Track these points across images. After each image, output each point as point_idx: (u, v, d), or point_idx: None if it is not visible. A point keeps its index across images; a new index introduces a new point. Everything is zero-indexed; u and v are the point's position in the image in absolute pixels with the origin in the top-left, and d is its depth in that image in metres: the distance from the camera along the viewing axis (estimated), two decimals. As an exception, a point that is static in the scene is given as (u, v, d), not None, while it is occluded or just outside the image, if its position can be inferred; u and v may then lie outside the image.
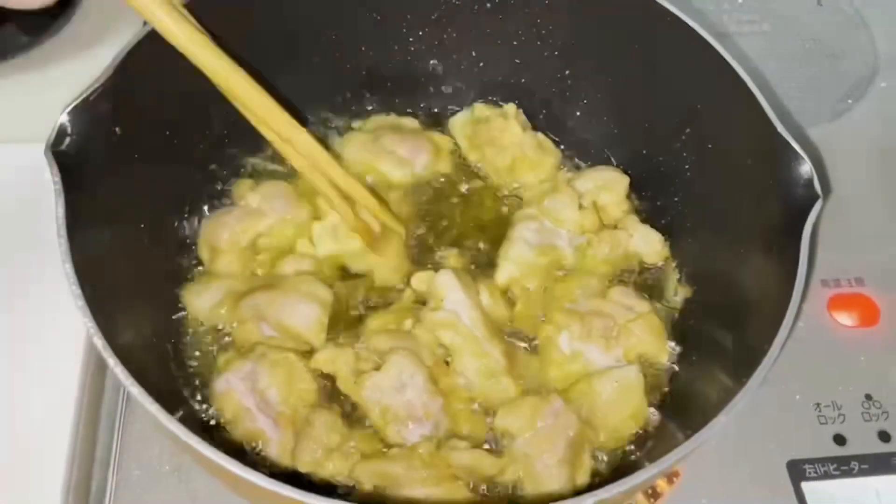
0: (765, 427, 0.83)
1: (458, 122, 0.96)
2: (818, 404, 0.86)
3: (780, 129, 0.71)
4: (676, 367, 0.81)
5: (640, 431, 0.76)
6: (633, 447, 0.76)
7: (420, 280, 0.82)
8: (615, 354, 0.80)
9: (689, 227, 0.86)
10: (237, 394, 0.74)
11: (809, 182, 0.68)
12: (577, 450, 0.72)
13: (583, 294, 0.82)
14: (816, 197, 0.67)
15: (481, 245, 0.88)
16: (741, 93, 0.75)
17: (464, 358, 0.76)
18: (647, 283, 0.87)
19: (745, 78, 0.74)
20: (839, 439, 0.83)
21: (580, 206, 0.87)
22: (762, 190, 0.73)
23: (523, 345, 0.81)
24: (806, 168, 0.68)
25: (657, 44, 0.82)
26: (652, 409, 0.78)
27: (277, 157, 0.92)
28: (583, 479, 0.72)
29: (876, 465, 0.82)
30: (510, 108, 0.94)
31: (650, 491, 0.78)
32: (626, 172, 0.91)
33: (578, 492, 0.67)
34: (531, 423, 0.72)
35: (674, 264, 0.87)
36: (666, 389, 0.80)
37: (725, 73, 0.76)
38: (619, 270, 0.87)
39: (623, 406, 0.76)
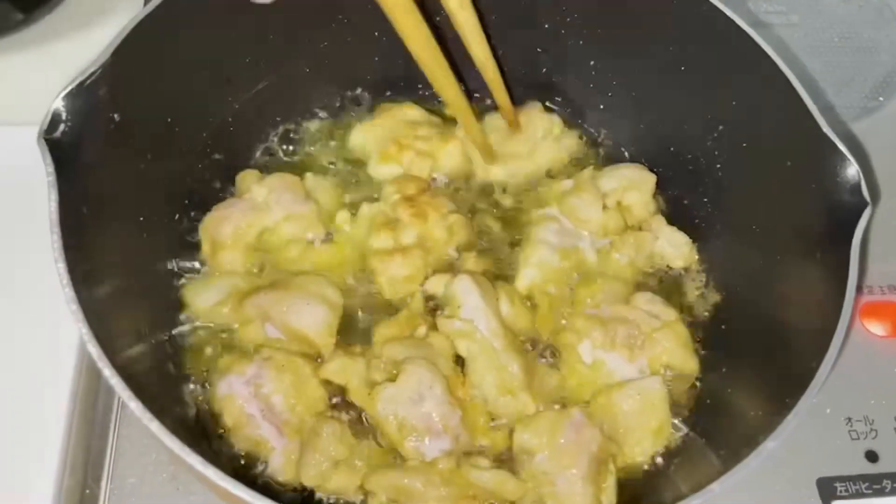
0: (794, 443, 0.79)
1: None
2: (849, 419, 0.82)
3: (826, 128, 0.66)
4: (704, 379, 0.76)
5: (665, 447, 0.72)
6: (659, 462, 0.72)
7: (436, 283, 0.77)
8: (639, 365, 0.76)
9: (719, 230, 0.82)
10: (239, 398, 0.71)
11: (857, 187, 0.64)
12: (600, 466, 0.68)
13: (606, 299, 0.78)
14: (865, 204, 0.63)
15: (501, 246, 0.84)
16: (781, 88, 0.71)
17: (480, 370, 0.72)
18: (672, 288, 0.83)
19: (788, 73, 0.70)
20: (871, 456, 0.80)
21: (604, 207, 0.82)
22: (803, 193, 0.69)
23: (543, 357, 0.77)
24: (853, 171, 0.64)
25: (690, 34, 0.78)
26: (677, 423, 0.74)
27: (284, 149, 0.88)
28: (608, 498, 0.68)
29: (910, 483, 0.78)
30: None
31: (674, 508, 0.74)
32: (651, 170, 0.86)
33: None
34: (551, 440, 0.69)
35: (701, 268, 0.83)
36: (693, 402, 0.76)
37: (765, 66, 0.72)
38: (644, 274, 0.83)
39: (646, 419, 0.72)
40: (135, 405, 0.52)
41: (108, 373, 0.52)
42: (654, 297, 0.79)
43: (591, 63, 0.87)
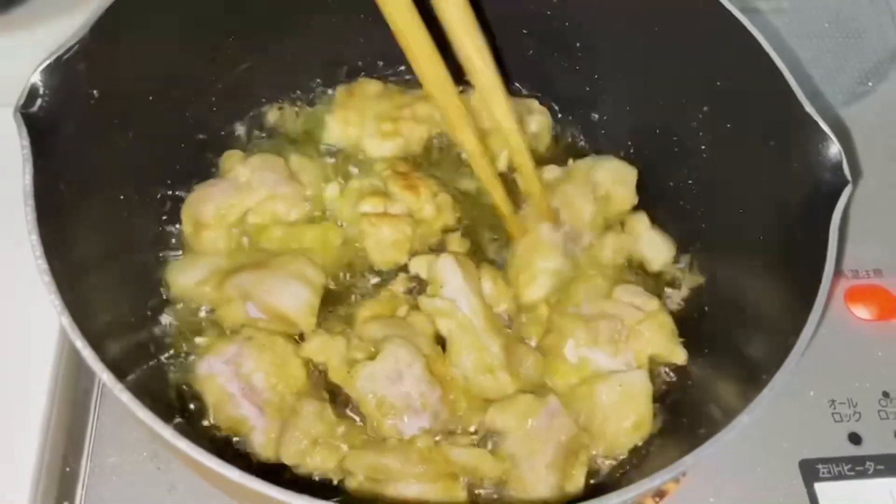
0: (776, 425, 0.79)
1: None
2: (833, 401, 0.82)
3: (808, 108, 0.66)
4: (687, 363, 0.76)
5: (642, 443, 0.71)
6: (640, 445, 0.71)
7: (419, 263, 0.77)
8: (624, 358, 0.74)
9: (703, 210, 0.81)
10: (220, 378, 0.70)
11: (838, 165, 0.63)
12: (569, 457, 0.68)
13: (587, 296, 0.77)
14: (846, 182, 0.62)
15: (484, 229, 0.83)
16: (765, 69, 0.70)
17: (460, 349, 0.72)
18: (654, 274, 0.83)
19: (772, 53, 0.69)
20: (854, 438, 0.80)
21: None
22: (786, 173, 0.68)
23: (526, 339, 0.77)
24: (834, 150, 0.64)
25: (677, 15, 0.77)
26: (659, 407, 0.74)
27: (268, 130, 0.88)
28: (575, 487, 0.67)
29: (892, 465, 0.78)
30: None
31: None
32: (637, 152, 0.86)
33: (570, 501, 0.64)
34: (522, 422, 0.68)
35: (685, 251, 0.83)
36: (676, 385, 0.75)
37: (749, 47, 0.71)
38: (624, 266, 0.82)
39: (625, 413, 0.71)
40: (106, 376, 0.52)
41: (80, 344, 0.52)
42: (635, 288, 0.78)
43: (577, 45, 0.86)
